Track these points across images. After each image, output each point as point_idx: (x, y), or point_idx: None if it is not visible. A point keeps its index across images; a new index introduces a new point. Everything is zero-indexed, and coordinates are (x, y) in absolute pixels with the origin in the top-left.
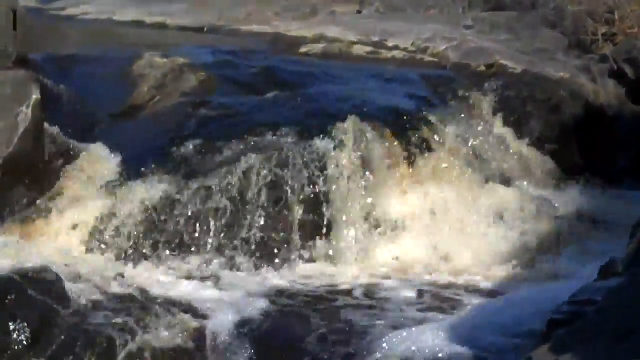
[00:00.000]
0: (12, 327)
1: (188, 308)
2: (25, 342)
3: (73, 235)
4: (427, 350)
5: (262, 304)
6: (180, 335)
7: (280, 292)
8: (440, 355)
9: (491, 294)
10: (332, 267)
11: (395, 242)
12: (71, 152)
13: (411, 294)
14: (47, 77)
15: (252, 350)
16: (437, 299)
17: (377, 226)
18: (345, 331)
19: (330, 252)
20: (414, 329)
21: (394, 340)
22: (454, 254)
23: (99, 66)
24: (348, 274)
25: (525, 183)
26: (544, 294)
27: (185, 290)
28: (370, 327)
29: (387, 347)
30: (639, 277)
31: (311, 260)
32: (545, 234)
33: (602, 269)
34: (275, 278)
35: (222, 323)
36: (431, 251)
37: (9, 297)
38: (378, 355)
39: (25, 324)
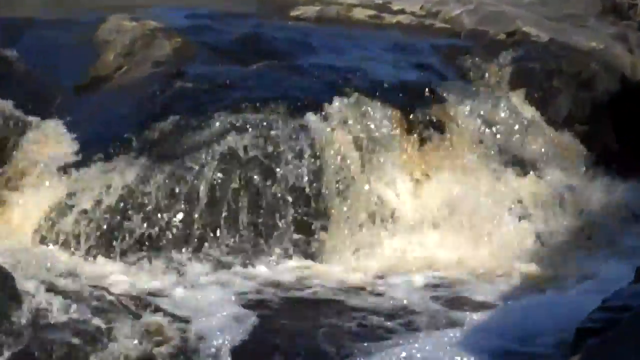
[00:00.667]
0: None
1: (160, 310)
2: None
3: (25, 226)
4: None
5: (245, 306)
6: (151, 342)
7: (263, 293)
8: None
9: (511, 297)
10: (327, 265)
11: (400, 237)
12: (24, 130)
13: (418, 296)
14: None
15: (234, 354)
16: (448, 302)
17: (379, 219)
18: (343, 337)
19: (325, 248)
20: (422, 335)
21: (400, 349)
22: (468, 252)
23: (57, 31)
24: (345, 273)
25: (551, 170)
26: (572, 298)
27: (156, 290)
28: (370, 334)
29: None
30: None
31: (303, 256)
32: (573, 229)
33: (638, 270)
34: (259, 276)
35: (199, 327)
36: (442, 248)
37: None
38: None
39: None
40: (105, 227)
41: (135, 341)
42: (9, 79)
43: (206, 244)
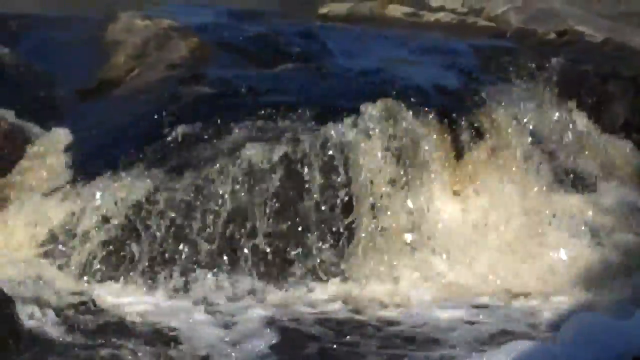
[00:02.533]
0: None
1: (173, 341)
2: None
3: (27, 245)
4: None
5: (267, 335)
6: None
7: (290, 321)
8: None
9: (564, 323)
10: (358, 288)
11: (437, 257)
12: (26, 139)
13: (456, 325)
14: None
15: None
16: (489, 333)
17: (413, 238)
18: None
19: (356, 270)
20: None
21: None
22: (512, 276)
23: (62, 30)
24: (377, 297)
25: (606, 185)
26: (632, 324)
27: (169, 317)
28: None
29: None
30: None
31: (330, 278)
32: (634, 249)
33: None
34: (283, 302)
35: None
36: (483, 270)
37: None
38: None
39: None
40: (113, 247)
41: None
42: (8, 83)
43: (225, 265)
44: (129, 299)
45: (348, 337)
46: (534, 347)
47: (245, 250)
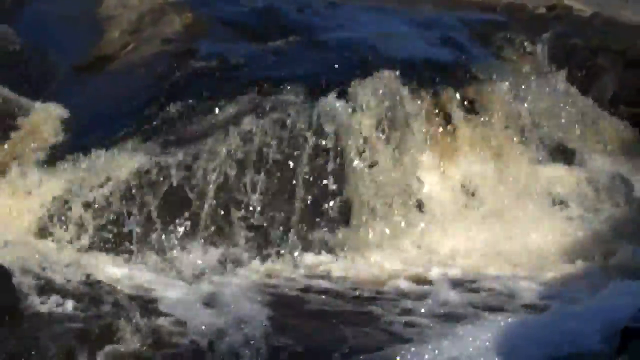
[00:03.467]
0: None
1: (163, 308)
2: None
3: (22, 217)
4: None
5: (257, 303)
6: (153, 342)
7: (279, 289)
8: None
9: (549, 296)
10: (348, 258)
11: (428, 229)
12: (23, 112)
13: (445, 294)
14: None
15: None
16: (477, 302)
17: (405, 210)
18: (360, 338)
19: (346, 240)
20: (449, 339)
21: (427, 351)
22: (501, 246)
23: (56, 5)
24: (367, 267)
25: (595, 156)
26: (617, 296)
27: (161, 286)
28: (392, 334)
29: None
30: None
31: (322, 249)
32: (620, 221)
33: None
34: (274, 271)
35: (204, 326)
36: (472, 242)
37: None
38: None
39: None
40: (108, 220)
41: (136, 340)
42: (4, 57)
43: (216, 236)
44: (122, 270)
45: (333, 305)
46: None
47: (236, 222)
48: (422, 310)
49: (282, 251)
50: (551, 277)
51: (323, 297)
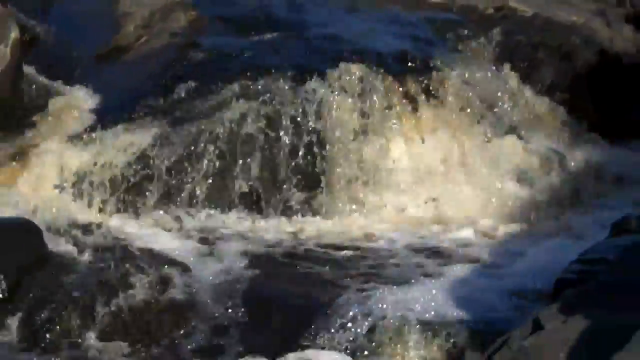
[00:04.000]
0: None
1: (172, 262)
2: (0, 296)
3: (52, 184)
4: (425, 312)
5: (249, 257)
6: (164, 290)
7: (269, 246)
8: (440, 316)
9: (496, 251)
10: (327, 220)
11: (394, 195)
12: (51, 95)
13: (409, 250)
14: (27, 15)
15: (234, 305)
16: (436, 256)
17: (375, 178)
18: (333, 288)
19: (325, 204)
20: (411, 287)
21: (388, 299)
22: (456, 210)
23: (81, 3)
24: (341, 228)
25: (535, 134)
26: (552, 252)
27: (169, 243)
28: (361, 284)
29: (381, 307)
30: None
31: (304, 212)
32: (556, 189)
33: (614, 226)
34: (264, 230)
35: (209, 278)
36: (432, 206)
37: None
38: (370, 318)
39: (1, 277)
40: (125, 186)
41: (149, 289)
42: (39, 48)
43: (216, 199)
44: (137, 229)
45: (315, 258)
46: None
47: (231, 188)
48: (388, 263)
49: (270, 212)
50: (497, 235)
51: (305, 249)
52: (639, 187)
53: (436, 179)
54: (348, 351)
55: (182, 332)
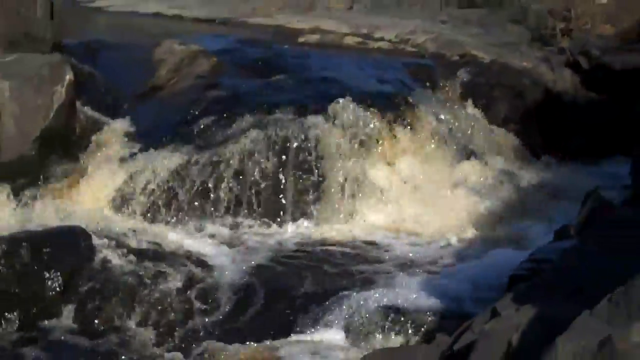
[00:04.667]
0: (46, 276)
1: (198, 261)
2: (57, 289)
3: (101, 198)
4: (404, 302)
5: (262, 257)
6: (191, 284)
7: (278, 246)
8: (415, 306)
9: (460, 255)
10: (323, 226)
11: (379, 207)
12: (100, 126)
13: (390, 250)
14: (79, 61)
15: (249, 295)
16: (414, 258)
17: (363, 193)
18: (329, 281)
19: (322, 214)
20: (391, 283)
21: (374, 292)
22: (429, 218)
23: (124, 52)
24: (335, 233)
25: (492, 158)
26: (507, 254)
27: (196, 245)
28: (352, 279)
29: (369, 298)
30: (589, 239)
31: (305, 219)
32: (510, 203)
33: (556, 233)
34: (274, 234)
35: (228, 274)
36: (408, 215)
37: (45, 250)
38: (360, 306)
39: (58, 274)
40: (159, 198)
41: (179, 283)
42: (89, 88)
43: (234, 210)
44: (171, 233)
45: (312, 254)
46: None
47: (246, 201)
48: (372, 262)
49: (279, 220)
50: (460, 241)
51: (306, 250)
52: (576, 201)
53: (410, 193)
54: (343, 331)
55: (206, 318)
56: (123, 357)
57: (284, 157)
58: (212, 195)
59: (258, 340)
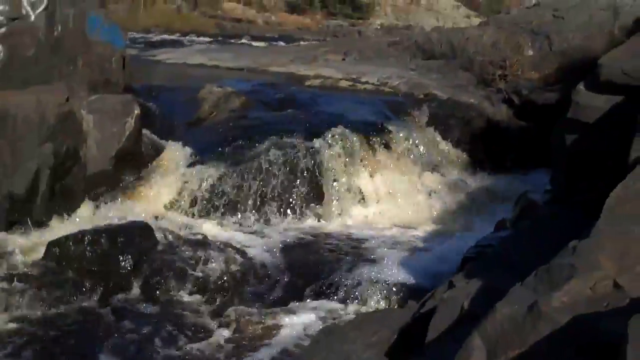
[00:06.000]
0: (121, 259)
1: (235, 247)
2: (129, 268)
3: (160, 201)
4: (384, 278)
5: (283, 244)
6: (230, 265)
7: (293, 236)
8: (393, 280)
9: (426, 241)
10: (325, 221)
11: (364, 207)
12: (159, 147)
13: (374, 240)
14: (144, 99)
15: (274, 272)
16: (391, 245)
17: (353, 196)
18: (331, 262)
19: (322, 211)
20: (375, 263)
21: (363, 270)
22: (402, 216)
23: (177, 92)
24: (332, 226)
25: (449, 170)
26: (460, 241)
27: (233, 236)
28: (348, 260)
29: (359, 273)
30: (520, 230)
31: (312, 216)
32: (461, 203)
33: (496, 225)
34: (287, 227)
35: (256, 257)
36: (387, 213)
37: (119, 239)
38: (354, 280)
39: (129, 257)
40: (204, 201)
41: (221, 264)
42: (151, 120)
43: (260, 209)
44: (212, 228)
45: (317, 244)
46: (414, 255)
47: (268, 202)
48: (361, 248)
49: (292, 216)
50: (425, 232)
51: (312, 238)
52: (511, 201)
53: (387, 197)
54: (340, 300)
55: (240, 288)
56: (177, 319)
57: (294, 169)
58: (243, 198)
59: (276, 304)
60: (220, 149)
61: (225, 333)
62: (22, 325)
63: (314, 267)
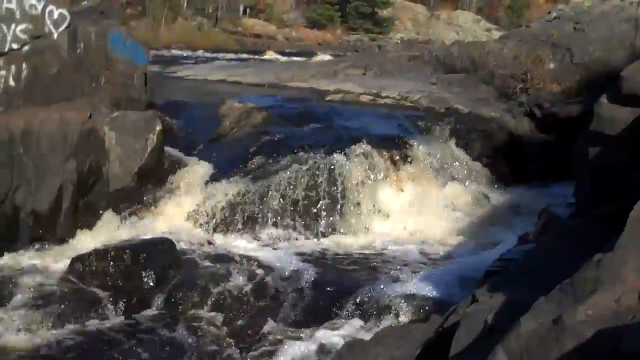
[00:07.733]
0: (143, 275)
1: (255, 262)
2: (151, 283)
3: (182, 216)
4: (407, 292)
5: (304, 259)
6: (250, 282)
7: (314, 252)
8: (416, 295)
9: (449, 256)
10: (347, 236)
11: (386, 221)
12: (181, 163)
13: (399, 255)
14: (166, 115)
15: (293, 287)
16: (413, 259)
17: (375, 211)
18: (353, 276)
19: (345, 227)
20: (398, 278)
21: (384, 286)
22: (424, 230)
23: (198, 108)
24: (354, 241)
25: (470, 184)
26: (483, 254)
27: (254, 252)
28: (369, 276)
29: (381, 289)
30: (544, 244)
31: (334, 231)
32: (484, 216)
33: (520, 238)
34: (311, 242)
35: (277, 273)
36: (410, 227)
37: (142, 255)
38: (376, 296)
39: (152, 272)
40: (225, 215)
41: (242, 280)
42: (173, 136)
43: (280, 224)
44: (233, 242)
45: (339, 257)
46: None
47: (289, 217)
48: (383, 263)
49: (315, 231)
50: (446, 247)
51: (334, 253)
52: (534, 215)
53: (410, 211)
54: (362, 316)
55: (261, 304)
56: (198, 337)
57: (316, 185)
58: (264, 213)
59: (298, 321)
60: (241, 165)
61: (246, 351)
62: (46, 342)
63: (336, 283)
